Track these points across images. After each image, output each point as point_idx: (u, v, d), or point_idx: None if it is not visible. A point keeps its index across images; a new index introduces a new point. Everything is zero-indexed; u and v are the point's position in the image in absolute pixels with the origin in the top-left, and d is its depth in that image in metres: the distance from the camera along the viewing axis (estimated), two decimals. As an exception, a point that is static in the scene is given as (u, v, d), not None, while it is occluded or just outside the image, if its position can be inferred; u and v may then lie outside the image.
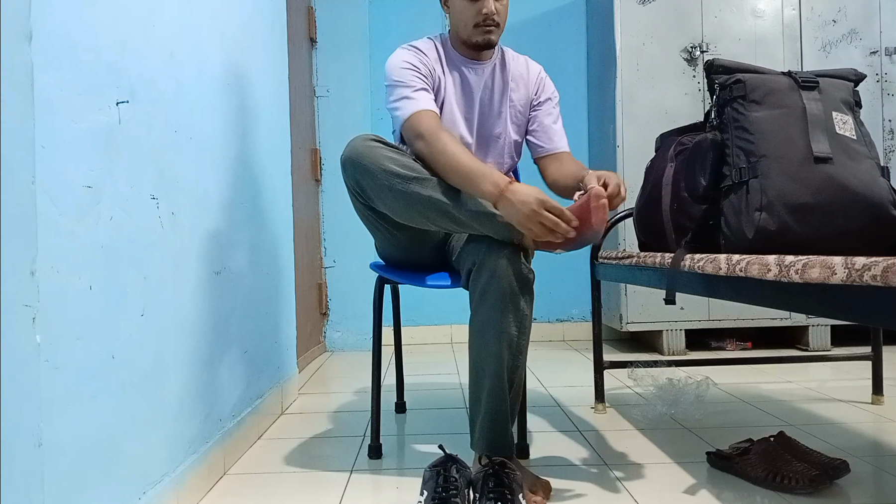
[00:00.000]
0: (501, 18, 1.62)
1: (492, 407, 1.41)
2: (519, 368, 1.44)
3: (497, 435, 1.42)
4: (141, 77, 1.18)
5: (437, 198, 1.40)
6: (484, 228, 1.40)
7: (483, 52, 1.67)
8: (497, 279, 1.38)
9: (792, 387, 2.37)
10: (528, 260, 1.44)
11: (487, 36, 1.61)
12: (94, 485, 1.00)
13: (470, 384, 1.47)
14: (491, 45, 1.65)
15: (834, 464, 1.41)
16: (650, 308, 3.01)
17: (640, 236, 1.81)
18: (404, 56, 1.62)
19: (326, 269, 3.43)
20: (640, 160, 2.79)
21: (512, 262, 1.39)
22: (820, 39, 3.05)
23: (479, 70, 1.69)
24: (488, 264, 1.39)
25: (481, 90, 1.70)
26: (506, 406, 1.42)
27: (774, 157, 1.36)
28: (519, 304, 1.41)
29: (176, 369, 1.32)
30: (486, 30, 1.60)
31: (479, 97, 1.70)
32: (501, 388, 1.41)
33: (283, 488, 1.48)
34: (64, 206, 0.93)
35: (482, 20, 1.59)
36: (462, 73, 1.69)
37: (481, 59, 1.69)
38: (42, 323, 0.86)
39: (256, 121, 1.94)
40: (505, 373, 1.41)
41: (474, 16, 1.59)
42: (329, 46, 3.39)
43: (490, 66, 1.71)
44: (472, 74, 1.69)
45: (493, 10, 1.58)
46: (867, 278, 0.86)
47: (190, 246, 1.40)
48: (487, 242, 1.41)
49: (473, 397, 1.46)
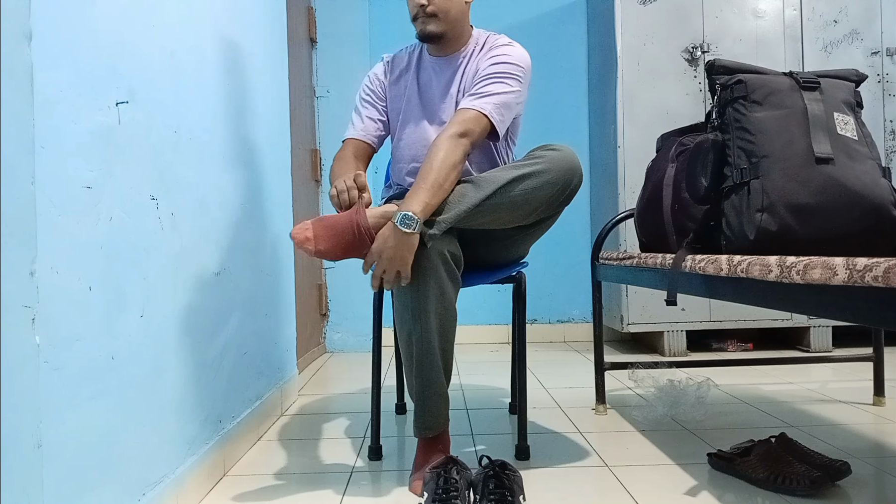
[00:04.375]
0: (439, 9, 1.61)
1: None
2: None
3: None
4: (141, 77, 1.18)
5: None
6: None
7: (441, 45, 1.68)
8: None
9: (793, 388, 2.36)
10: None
11: (423, 27, 1.63)
12: (94, 486, 1.00)
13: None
14: (433, 37, 1.64)
15: (835, 465, 1.41)
16: (651, 309, 3.00)
17: (641, 237, 1.81)
18: (370, 73, 1.79)
19: (326, 270, 3.43)
20: (641, 161, 2.79)
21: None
22: (821, 40, 3.05)
23: (443, 63, 1.71)
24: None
25: (442, 86, 1.70)
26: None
27: (776, 158, 1.35)
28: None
29: (175, 370, 1.32)
30: (421, 21, 1.62)
31: (440, 93, 1.70)
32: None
33: (283, 490, 1.47)
34: (64, 206, 0.93)
35: (416, 13, 1.63)
36: (428, 70, 1.73)
37: (444, 52, 1.70)
38: (42, 323, 0.86)
39: (256, 121, 1.94)
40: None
41: (411, 9, 1.64)
42: (329, 46, 3.39)
43: (460, 58, 1.69)
44: (434, 70, 1.72)
45: (422, 1, 1.60)
46: (868, 279, 0.86)
47: (190, 246, 1.40)
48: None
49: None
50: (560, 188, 1.49)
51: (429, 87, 1.72)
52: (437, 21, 1.61)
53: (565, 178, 1.49)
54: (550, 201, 1.50)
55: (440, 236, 1.41)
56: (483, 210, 1.44)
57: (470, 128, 1.50)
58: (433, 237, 1.39)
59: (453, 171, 1.43)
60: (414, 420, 1.51)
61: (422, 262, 1.40)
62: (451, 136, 1.47)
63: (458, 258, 1.48)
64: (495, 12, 3.41)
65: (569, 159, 1.49)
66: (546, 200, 1.49)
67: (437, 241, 1.41)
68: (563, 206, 1.55)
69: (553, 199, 1.50)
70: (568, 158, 1.49)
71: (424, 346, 1.44)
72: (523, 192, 1.45)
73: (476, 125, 1.51)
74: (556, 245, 3.47)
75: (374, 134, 1.75)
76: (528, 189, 1.45)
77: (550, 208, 1.52)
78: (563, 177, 1.48)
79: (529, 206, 1.48)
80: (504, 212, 1.46)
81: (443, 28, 1.63)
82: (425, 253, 1.40)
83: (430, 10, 1.61)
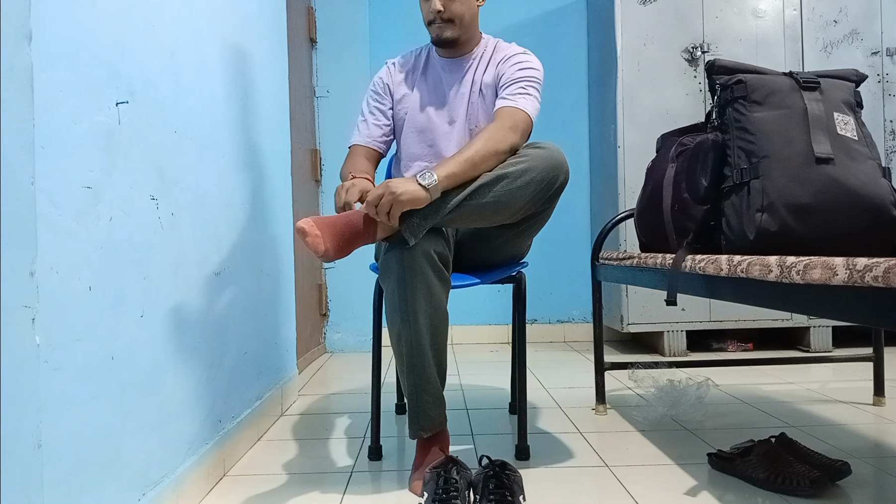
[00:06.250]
0: (455, 14, 1.64)
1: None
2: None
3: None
4: (141, 77, 1.18)
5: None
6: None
7: (454, 49, 1.71)
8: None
9: (793, 388, 2.36)
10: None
11: (439, 32, 1.66)
12: (94, 486, 1.00)
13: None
14: (448, 42, 1.67)
15: (835, 465, 1.41)
16: (651, 309, 3.00)
17: (641, 237, 1.81)
18: (375, 78, 1.81)
19: (326, 270, 3.43)
20: (641, 161, 2.79)
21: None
22: (821, 40, 3.05)
23: (453, 64, 1.73)
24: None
25: (454, 84, 1.72)
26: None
27: (776, 158, 1.35)
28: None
29: (175, 370, 1.32)
30: (437, 27, 1.66)
31: (452, 91, 1.72)
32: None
33: (283, 490, 1.47)
34: (64, 206, 0.93)
35: (432, 18, 1.65)
36: (437, 69, 1.75)
37: (455, 54, 1.73)
38: (42, 323, 0.86)
39: (256, 121, 1.94)
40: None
41: (427, 14, 1.67)
42: (329, 46, 3.39)
43: (470, 60, 1.73)
44: (445, 71, 1.74)
45: (438, 7, 1.62)
46: (868, 279, 0.86)
47: (190, 247, 1.40)
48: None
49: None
50: (544, 186, 1.49)
51: (439, 86, 1.74)
52: (452, 26, 1.65)
53: (549, 176, 1.49)
54: (535, 199, 1.50)
55: (426, 237, 1.42)
56: (466, 209, 1.44)
57: (522, 127, 1.56)
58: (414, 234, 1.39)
59: (493, 158, 1.46)
60: (409, 421, 1.51)
61: (408, 262, 1.41)
62: (506, 128, 1.52)
63: (446, 258, 1.48)
64: (495, 12, 3.41)
65: (553, 157, 1.50)
66: (530, 198, 1.48)
67: (424, 241, 1.41)
68: (550, 203, 1.55)
69: (538, 197, 1.50)
70: (552, 156, 1.49)
71: (415, 347, 1.45)
72: (506, 191, 1.45)
73: (526, 126, 1.58)
74: (556, 245, 3.47)
75: (380, 139, 1.77)
76: (511, 188, 1.45)
77: (536, 206, 1.52)
78: (547, 175, 1.48)
79: (514, 205, 1.48)
80: (488, 210, 1.46)
81: (458, 33, 1.67)
82: (411, 254, 1.40)
83: (446, 16, 1.64)
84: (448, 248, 1.50)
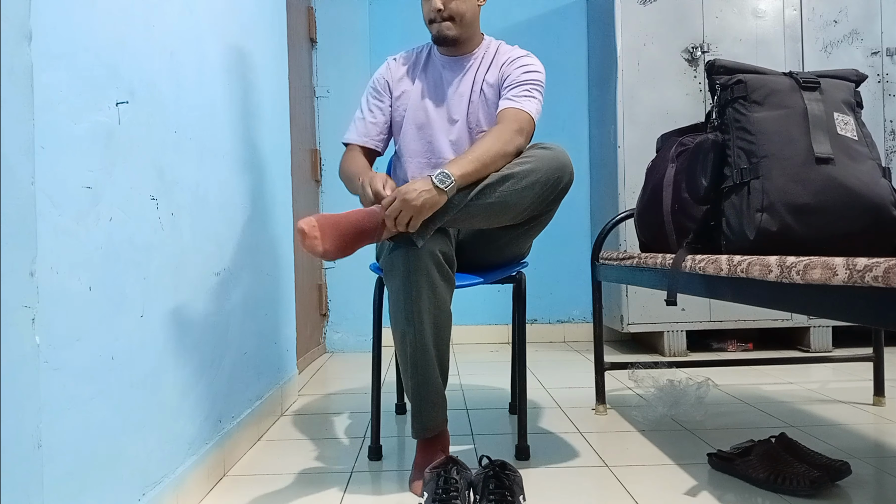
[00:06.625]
0: (455, 13, 1.65)
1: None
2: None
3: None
4: (141, 77, 1.18)
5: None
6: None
7: (455, 48, 1.72)
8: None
9: (793, 388, 2.36)
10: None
11: (440, 30, 1.67)
12: (94, 486, 1.00)
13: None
14: (449, 41, 1.68)
15: (835, 465, 1.41)
16: (651, 309, 3.00)
17: (641, 237, 1.81)
18: (375, 75, 1.80)
19: (326, 270, 3.43)
20: (641, 161, 2.79)
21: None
22: (821, 40, 3.05)
23: (454, 62, 1.74)
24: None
25: (455, 82, 1.73)
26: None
27: (776, 158, 1.35)
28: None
29: (175, 370, 1.32)
30: (438, 26, 1.66)
31: (452, 89, 1.73)
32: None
33: (283, 490, 1.47)
34: (63, 206, 0.93)
35: (432, 17, 1.66)
36: (438, 67, 1.75)
37: (456, 53, 1.74)
38: (41, 324, 0.86)
39: (256, 121, 1.94)
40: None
41: (427, 13, 1.68)
42: (329, 46, 3.39)
43: (472, 59, 1.73)
44: (446, 69, 1.74)
45: (438, 6, 1.63)
46: (868, 279, 0.86)
47: (190, 247, 1.40)
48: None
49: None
50: (550, 187, 1.49)
51: (440, 84, 1.74)
52: (453, 25, 1.66)
53: (554, 177, 1.49)
54: (540, 200, 1.50)
55: (431, 236, 1.42)
56: (471, 210, 1.44)
57: (527, 129, 1.58)
58: (423, 235, 1.40)
59: (501, 159, 1.47)
60: (411, 421, 1.51)
61: (413, 262, 1.40)
62: (513, 130, 1.53)
63: (451, 258, 1.48)
64: (495, 12, 3.41)
65: (558, 158, 1.50)
66: (535, 199, 1.49)
67: (429, 242, 1.41)
68: (554, 204, 1.55)
69: (542, 198, 1.50)
70: (558, 157, 1.50)
71: (419, 347, 1.45)
72: (512, 191, 1.46)
73: (530, 128, 1.59)
74: (556, 245, 3.47)
75: (377, 138, 1.77)
76: (516, 188, 1.46)
77: (541, 206, 1.53)
78: (552, 175, 1.49)
79: (519, 206, 1.48)
80: (493, 211, 1.47)
81: (458, 31, 1.67)
82: (417, 254, 1.40)
83: (446, 15, 1.65)
84: (452, 247, 1.50)
